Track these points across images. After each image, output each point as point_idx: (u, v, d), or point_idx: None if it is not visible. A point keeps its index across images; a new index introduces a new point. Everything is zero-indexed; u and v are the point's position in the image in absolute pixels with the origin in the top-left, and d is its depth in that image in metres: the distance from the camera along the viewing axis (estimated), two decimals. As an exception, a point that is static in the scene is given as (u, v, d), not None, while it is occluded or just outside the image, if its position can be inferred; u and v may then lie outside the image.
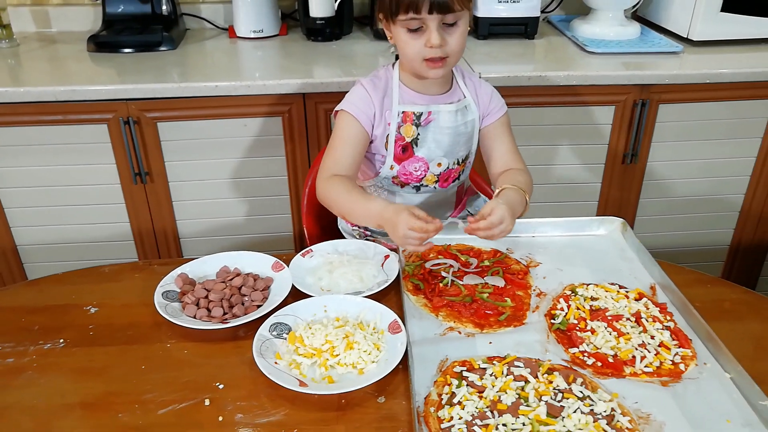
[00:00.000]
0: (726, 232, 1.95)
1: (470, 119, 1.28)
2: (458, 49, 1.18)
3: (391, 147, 1.26)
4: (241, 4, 1.98)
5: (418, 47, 1.15)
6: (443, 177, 1.31)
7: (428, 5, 1.10)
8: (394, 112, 1.24)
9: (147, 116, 1.62)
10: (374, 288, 1.06)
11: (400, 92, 1.25)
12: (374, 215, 1.11)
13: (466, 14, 1.15)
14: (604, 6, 1.96)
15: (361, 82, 1.26)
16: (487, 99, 1.30)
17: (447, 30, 1.14)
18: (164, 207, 1.75)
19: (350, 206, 1.16)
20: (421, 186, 1.31)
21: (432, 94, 1.26)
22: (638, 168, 1.81)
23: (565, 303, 1.03)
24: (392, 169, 1.28)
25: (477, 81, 1.31)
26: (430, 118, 1.25)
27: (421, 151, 1.27)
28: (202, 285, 1.07)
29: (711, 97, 1.72)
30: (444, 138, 1.26)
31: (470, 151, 1.32)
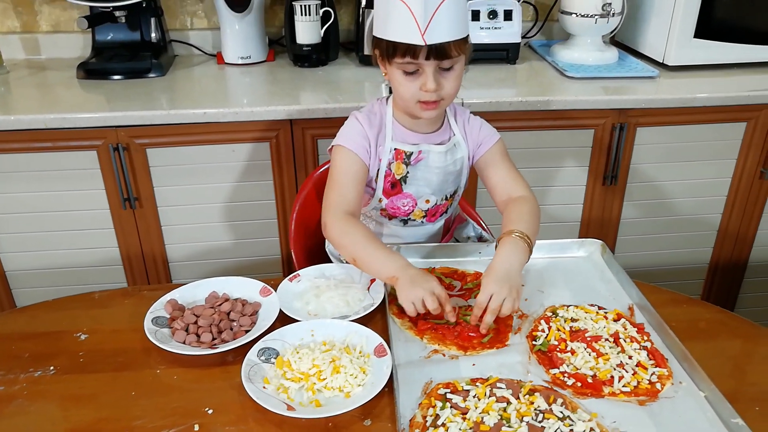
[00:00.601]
0: (705, 251, 2.00)
1: (459, 157, 1.29)
2: (453, 92, 1.18)
3: (381, 182, 1.27)
4: (229, 30, 2.03)
5: (414, 89, 1.16)
6: (431, 212, 1.33)
7: (426, 52, 1.10)
8: (387, 149, 1.25)
9: (136, 142, 1.65)
10: (360, 312, 1.09)
11: (393, 129, 1.26)
12: (394, 267, 1.09)
13: (462, 58, 1.16)
14: (583, 32, 2.02)
15: (357, 117, 1.27)
16: (477, 132, 1.30)
17: (443, 74, 1.15)
18: (153, 232, 1.77)
19: (368, 256, 1.12)
20: (408, 220, 1.33)
21: (423, 131, 1.27)
22: (618, 189, 1.85)
23: (546, 324, 1.06)
24: (380, 202, 1.30)
25: (467, 117, 1.32)
26: (420, 157, 1.26)
27: (409, 189, 1.28)
28: (191, 311, 1.09)
29: (687, 120, 1.78)
30: (433, 177, 1.28)
31: (459, 186, 1.34)
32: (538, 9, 2.27)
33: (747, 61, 1.95)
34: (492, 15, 1.98)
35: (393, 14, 1.11)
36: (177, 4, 2.15)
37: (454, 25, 1.10)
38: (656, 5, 1.98)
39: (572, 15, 1.99)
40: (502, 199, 1.28)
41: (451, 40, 1.11)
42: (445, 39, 1.10)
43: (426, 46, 1.10)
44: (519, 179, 1.29)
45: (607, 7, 1.92)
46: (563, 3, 2.03)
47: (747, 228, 1.95)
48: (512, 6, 1.99)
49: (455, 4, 1.10)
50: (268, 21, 2.17)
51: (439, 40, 1.10)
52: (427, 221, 1.33)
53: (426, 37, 1.09)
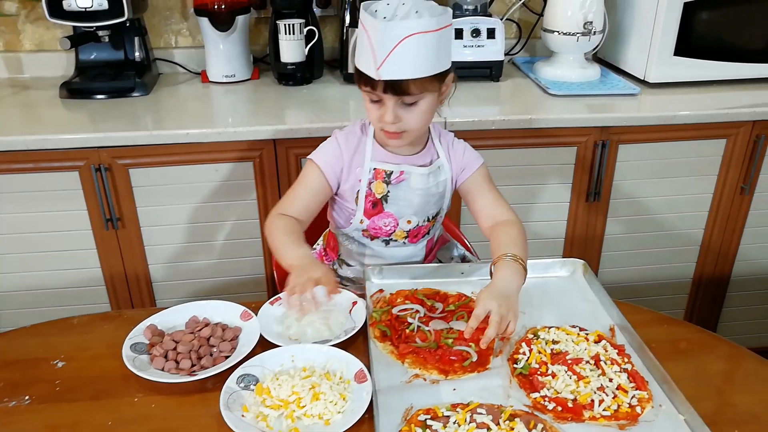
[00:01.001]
0: (688, 266, 2.01)
1: (442, 179, 1.29)
2: (416, 127, 1.18)
3: (362, 202, 1.27)
4: (213, 49, 2.03)
5: (377, 117, 1.17)
6: (413, 233, 1.33)
7: (383, 86, 1.10)
8: (366, 168, 1.25)
9: (118, 163, 1.64)
10: (342, 336, 1.08)
11: (373, 149, 1.26)
12: (295, 256, 1.13)
13: (428, 95, 1.14)
14: (565, 50, 2.04)
15: (336, 136, 1.28)
16: (460, 156, 1.30)
17: (406, 107, 1.14)
18: (136, 252, 1.76)
19: (281, 246, 1.18)
20: (390, 240, 1.33)
21: (405, 153, 1.27)
22: (601, 206, 1.86)
23: (527, 347, 1.06)
24: (362, 223, 1.30)
25: (450, 140, 1.32)
26: (402, 178, 1.26)
27: (390, 208, 1.28)
28: (170, 336, 1.08)
29: (668, 137, 1.79)
30: (414, 198, 1.28)
31: (441, 208, 1.34)
32: (521, 26, 2.29)
33: (725, 78, 1.98)
34: (475, 33, 1.99)
35: (361, 42, 1.12)
36: (161, 22, 2.15)
37: (417, 62, 1.08)
38: (637, 23, 2.01)
39: (554, 33, 2.01)
40: (487, 225, 1.27)
41: (409, 78, 1.09)
42: (403, 76, 1.09)
43: (382, 81, 1.10)
44: (503, 204, 1.29)
45: (588, 26, 1.94)
46: (546, 21, 2.05)
47: (729, 243, 1.97)
48: (495, 24, 2.00)
49: (422, 41, 1.06)
50: (252, 39, 2.17)
51: (395, 76, 1.09)
52: (409, 242, 1.34)
53: (381, 72, 1.08)
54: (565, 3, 1.97)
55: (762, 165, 1.86)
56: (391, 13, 1.08)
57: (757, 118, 1.78)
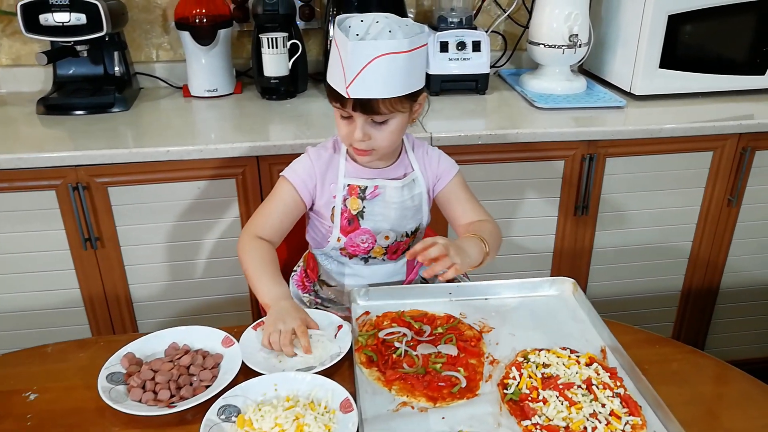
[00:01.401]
0: (677, 279, 2.00)
1: (417, 192, 1.29)
2: (385, 145, 1.17)
3: (338, 219, 1.26)
4: (195, 63, 1.99)
5: (346, 134, 1.17)
6: (391, 249, 1.31)
7: (352, 104, 1.10)
8: (340, 185, 1.24)
9: (97, 181, 1.60)
10: (327, 362, 1.05)
11: (346, 165, 1.25)
12: (271, 296, 1.12)
13: (398, 115, 1.14)
14: (551, 62, 2.03)
15: (309, 152, 1.27)
16: (435, 165, 1.30)
17: (375, 126, 1.14)
18: (116, 272, 1.72)
19: (255, 278, 1.17)
20: (369, 258, 1.31)
21: (378, 167, 1.26)
22: (589, 220, 1.85)
23: (517, 371, 1.03)
24: (339, 241, 1.28)
25: (425, 149, 1.32)
26: (377, 192, 1.25)
27: (367, 224, 1.27)
28: (148, 365, 1.04)
29: (655, 150, 1.78)
30: (391, 212, 1.27)
31: (420, 224, 1.33)
32: (506, 38, 2.28)
33: (711, 90, 1.98)
34: (460, 46, 1.98)
35: (333, 58, 1.12)
36: (142, 36, 2.11)
37: (387, 83, 1.07)
38: (622, 36, 2.00)
39: (540, 45, 2.00)
40: (464, 229, 1.29)
41: (378, 97, 1.08)
42: (372, 96, 1.08)
43: (351, 99, 1.09)
44: (480, 209, 1.30)
45: (574, 38, 1.94)
46: (531, 34, 2.04)
47: (717, 255, 1.96)
48: (480, 37, 1.99)
49: (393, 61, 1.06)
50: (235, 53, 2.14)
51: (364, 95, 1.08)
52: (388, 258, 1.31)
53: (350, 90, 1.08)
54: (550, 16, 1.96)
55: (749, 177, 1.86)
56: (363, 31, 1.07)
57: (743, 130, 1.78)
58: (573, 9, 1.92)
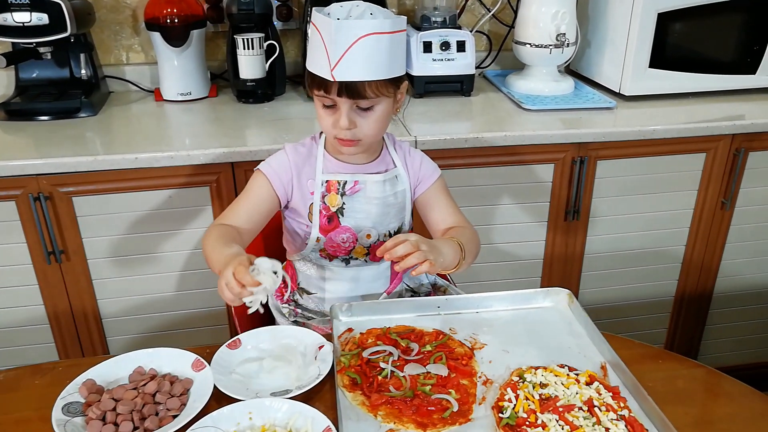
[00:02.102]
0: (670, 283, 1.94)
1: (400, 189, 1.23)
2: (372, 134, 1.13)
3: (316, 217, 1.19)
4: (167, 65, 1.90)
5: (330, 124, 1.11)
6: (374, 249, 1.23)
7: (336, 88, 1.05)
8: (318, 181, 1.18)
9: (60, 191, 1.50)
10: (306, 384, 0.97)
11: (324, 161, 1.20)
12: (224, 258, 0.98)
13: (384, 100, 1.10)
14: (538, 62, 1.96)
15: (285, 148, 1.22)
16: (417, 167, 1.25)
17: (360, 113, 1.10)
18: (83, 286, 1.61)
19: (210, 251, 1.06)
20: (350, 259, 1.24)
21: (358, 163, 1.21)
22: (581, 224, 1.78)
23: (512, 393, 0.95)
24: (318, 241, 1.21)
25: (407, 149, 1.27)
26: (357, 188, 1.19)
27: (347, 221, 1.20)
28: (109, 393, 0.94)
29: (646, 152, 1.72)
30: (372, 208, 1.21)
31: (403, 223, 1.27)
32: (491, 38, 2.21)
33: (702, 90, 1.92)
34: (444, 46, 1.90)
35: (313, 45, 1.07)
36: (111, 38, 2.01)
37: (372, 64, 1.04)
38: (610, 35, 1.94)
39: (526, 45, 1.94)
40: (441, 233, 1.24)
41: (364, 80, 1.05)
42: (358, 78, 1.05)
43: (337, 83, 1.05)
44: (460, 214, 1.26)
45: (561, 38, 1.87)
46: (517, 33, 1.97)
47: (711, 259, 1.91)
48: (465, 37, 1.92)
49: (377, 42, 1.03)
50: (209, 55, 2.05)
51: (350, 78, 1.04)
52: (370, 260, 1.24)
53: (335, 73, 1.04)
54: (536, 14, 1.89)
55: (742, 179, 1.80)
56: (344, 14, 1.05)
57: (736, 131, 1.72)
58: (560, 7, 1.86)
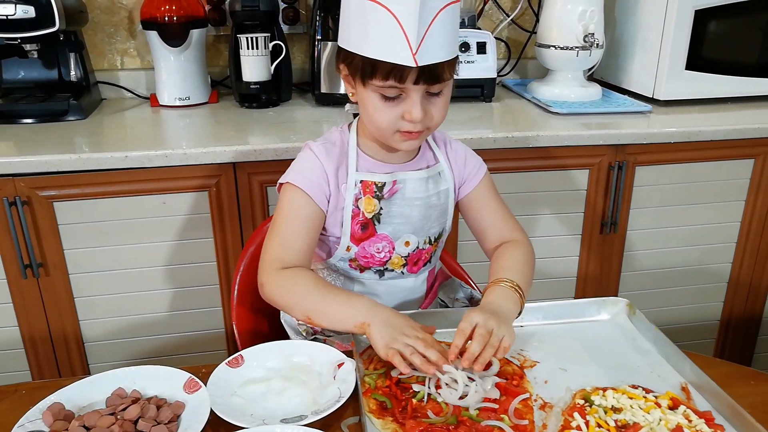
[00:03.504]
0: (715, 306, 1.76)
1: (443, 189, 1.06)
2: (440, 121, 0.97)
3: (347, 225, 1.01)
4: (165, 67, 1.76)
5: (393, 117, 0.93)
6: (412, 259, 1.06)
7: (415, 75, 0.88)
8: (351, 183, 1.00)
9: (40, 195, 1.33)
10: (324, 409, 0.78)
11: (357, 159, 1.02)
12: (362, 311, 0.88)
13: (451, 82, 0.95)
14: (563, 66, 1.83)
15: (311, 147, 1.02)
16: (462, 162, 1.08)
17: (430, 99, 0.93)
18: (63, 305, 1.43)
19: (322, 306, 0.91)
20: (385, 270, 1.06)
21: (396, 162, 1.04)
22: (618, 238, 1.61)
23: (581, 418, 0.77)
24: (349, 251, 1.03)
25: (448, 140, 1.10)
26: (395, 188, 1.02)
27: (384, 229, 1.03)
28: (80, 421, 0.76)
29: (689, 157, 1.57)
30: (413, 212, 1.03)
31: (444, 228, 1.09)
32: (510, 46, 2.08)
33: (742, 95, 1.78)
34: (464, 48, 1.77)
35: (374, 25, 0.88)
36: (104, 41, 1.88)
37: (448, 41, 0.90)
38: (641, 36, 1.81)
39: (551, 48, 1.80)
40: (492, 246, 1.07)
41: (444, 60, 0.89)
42: (438, 59, 0.88)
43: (417, 68, 0.87)
44: (511, 220, 1.10)
45: (589, 38, 1.74)
46: (540, 35, 1.84)
47: (760, 278, 1.73)
48: (486, 38, 1.79)
49: (451, 15, 0.89)
50: (210, 60, 1.91)
51: (432, 60, 0.88)
52: (408, 271, 1.06)
53: (418, 57, 0.87)
54: (561, 13, 1.77)
55: (794, 188, 1.65)
56: None
57: (789, 134, 1.57)
58: (588, 6, 1.73)
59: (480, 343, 0.83)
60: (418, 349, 0.83)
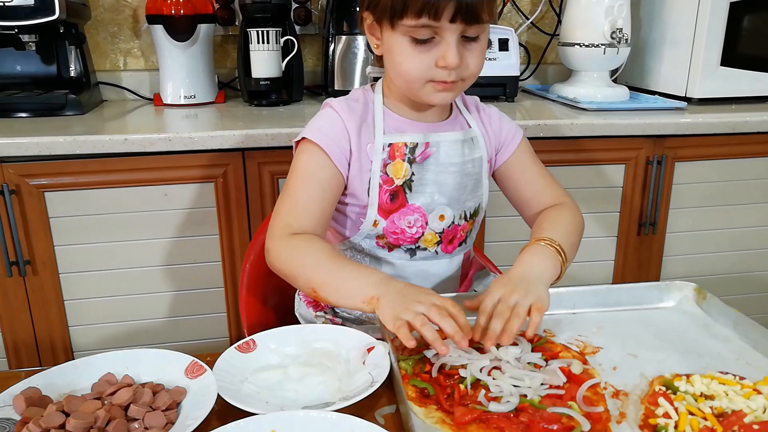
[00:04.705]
0: (762, 319, 1.61)
1: (478, 156, 0.95)
2: (476, 73, 0.87)
3: (375, 194, 0.89)
4: (170, 64, 1.67)
5: (425, 64, 0.82)
6: (447, 236, 0.94)
7: (452, 11, 0.78)
8: (378, 146, 0.89)
9: (29, 183, 1.22)
10: (352, 396, 0.65)
11: (385, 119, 0.91)
12: (372, 283, 0.76)
13: (488, 28, 0.86)
14: (589, 66, 1.73)
15: (331, 104, 0.92)
16: (497, 126, 0.98)
17: (466, 45, 0.83)
18: (52, 308, 1.31)
19: (329, 278, 0.79)
20: (417, 248, 0.93)
21: (428, 121, 0.93)
22: (657, 240, 1.49)
23: (668, 404, 0.63)
24: (376, 225, 0.91)
25: (480, 105, 1.00)
26: (428, 152, 0.91)
27: (417, 199, 0.91)
28: (58, 405, 0.62)
29: (735, 152, 1.46)
30: (447, 179, 0.92)
31: (480, 202, 0.98)
32: (530, 51, 2.00)
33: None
34: (485, 44, 1.67)
35: None
36: (107, 40, 1.79)
37: None
38: (670, 34, 1.72)
39: (575, 46, 1.71)
40: (534, 212, 0.97)
41: None
42: None
43: (454, 3, 0.77)
44: (556, 185, 1.00)
45: (617, 34, 1.65)
46: (564, 34, 1.75)
47: (811, 287, 1.60)
48: (508, 35, 1.70)
49: None
50: (218, 62, 1.82)
51: None
52: (442, 251, 0.94)
53: None
54: (587, 9, 1.68)
55: None
56: None
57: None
58: (615, 0, 1.65)
59: (501, 321, 0.73)
60: (432, 318, 0.70)
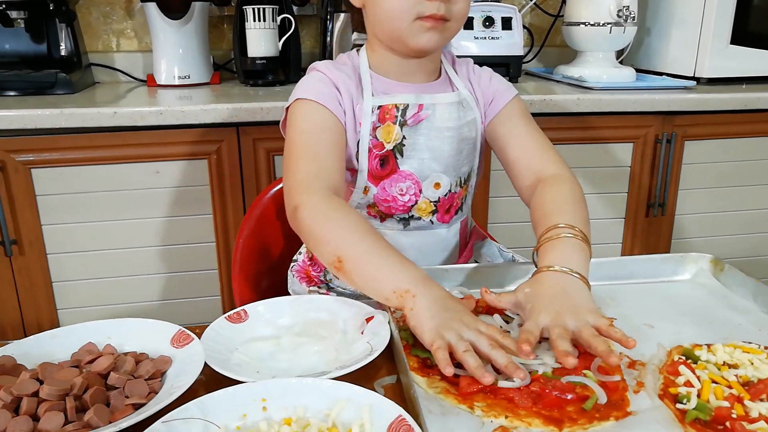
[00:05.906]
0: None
1: (471, 119, 0.90)
2: (463, 14, 0.83)
3: (364, 159, 0.85)
4: (164, 43, 1.62)
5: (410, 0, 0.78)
6: (443, 205, 0.89)
7: None
8: (367, 107, 0.84)
9: (16, 160, 1.17)
10: (350, 365, 0.60)
11: (372, 83, 0.86)
12: (409, 277, 0.66)
13: None
14: (594, 46, 1.69)
15: (318, 68, 0.87)
16: (487, 84, 0.93)
17: None
18: (39, 290, 1.26)
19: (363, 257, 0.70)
20: (410, 218, 0.89)
21: (418, 81, 0.88)
22: (666, 222, 1.44)
23: (690, 373, 0.59)
24: (367, 192, 0.86)
25: (470, 67, 0.95)
26: (422, 115, 0.86)
27: (409, 164, 0.86)
28: (32, 374, 0.58)
29: (747, 131, 1.42)
30: (443, 145, 0.87)
31: (473, 166, 0.93)
32: (533, 33, 1.95)
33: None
34: (488, 22, 1.63)
35: None
36: (99, 20, 1.75)
37: None
38: (678, 12, 1.68)
39: (580, 25, 1.66)
40: (526, 183, 0.87)
41: None
42: None
43: None
44: (549, 150, 0.89)
45: (624, 12, 1.60)
46: (569, 14, 1.71)
47: (823, 272, 1.56)
48: (511, 13, 1.65)
49: None
50: (213, 43, 1.78)
51: None
52: (438, 220, 0.89)
53: None
54: (593, -13, 1.63)
55: None
56: None
57: None
58: (622, -23, 1.60)
59: (566, 347, 0.59)
60: (481, 348, 0.60)
